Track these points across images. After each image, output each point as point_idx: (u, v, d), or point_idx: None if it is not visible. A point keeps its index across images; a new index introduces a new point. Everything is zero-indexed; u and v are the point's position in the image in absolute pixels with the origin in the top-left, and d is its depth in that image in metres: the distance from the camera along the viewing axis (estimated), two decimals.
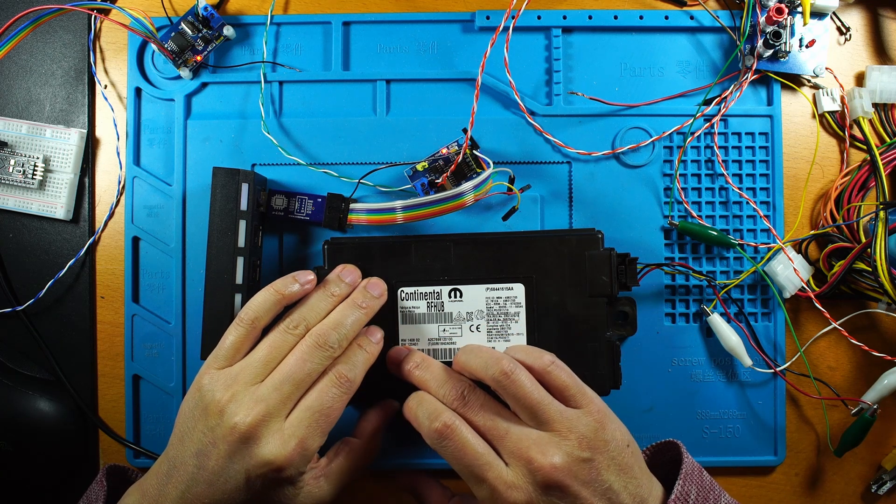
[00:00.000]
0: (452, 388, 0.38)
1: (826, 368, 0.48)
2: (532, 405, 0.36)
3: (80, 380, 0.48)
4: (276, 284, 0.39)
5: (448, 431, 0.36)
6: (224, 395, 0.36)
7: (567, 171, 0.47)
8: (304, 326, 0.38)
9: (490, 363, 0.37)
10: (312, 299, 0.40)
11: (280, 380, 0.36)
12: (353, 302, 0.40)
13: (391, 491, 0.47)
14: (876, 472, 0.48)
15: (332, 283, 0.41)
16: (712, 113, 0.47)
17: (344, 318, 0.39)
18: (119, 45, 0.48)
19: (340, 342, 0.38)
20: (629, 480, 0.36)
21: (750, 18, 0.45)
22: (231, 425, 0.35)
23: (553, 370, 0.37)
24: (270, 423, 0.36)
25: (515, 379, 0.36)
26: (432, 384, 0.39)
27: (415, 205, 0.43)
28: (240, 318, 0.38)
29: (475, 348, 0.39)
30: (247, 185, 0.42)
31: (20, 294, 0.48)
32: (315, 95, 0.48)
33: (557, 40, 0.47)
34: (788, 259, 0.45)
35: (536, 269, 0.42)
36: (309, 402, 0.37)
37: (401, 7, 0.48)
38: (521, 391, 0.36)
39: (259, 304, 0.39)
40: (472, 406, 0.37)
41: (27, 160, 0.47)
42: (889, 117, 0.47)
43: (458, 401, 0.37)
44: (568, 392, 0.37)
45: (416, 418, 0.38)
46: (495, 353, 0.38)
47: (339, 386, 0.37)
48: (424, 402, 0.38)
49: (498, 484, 0.35)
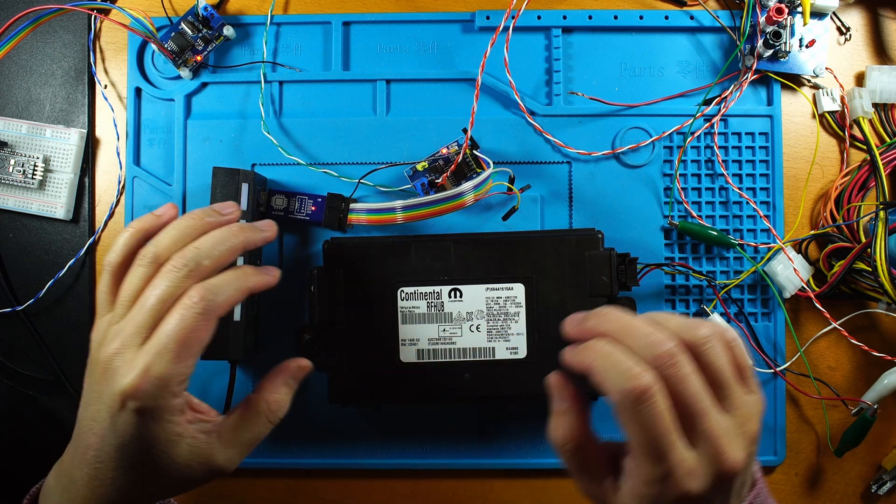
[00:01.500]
0: (663, 342, 0.31)
1: (826, 368, 0.48)
2: (725, 382, 0.32)
3: (80, 380, 0.47)
4: (133, 222, 0.37)
5: (648, 396, 0.30)
6: (100, 337, 0.35)
7: (567, 171, 0.47)
8: (151, 254, 0.35)
9: (687, 326, 0.32)
10: (170, 226, 0.36)
11: (136, 310, 0.34)
12: (227, 227, 0.37)
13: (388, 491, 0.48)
14: (876, 472, 0.48)
15: (200, 210, 0.38)
16: (712, 113, 0.47)
17: (212, 240, 0.36)
18: (119, 45, 0.48)
19: (199, 261, 0.35)
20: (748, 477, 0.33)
21: (750, 18, 0.45)
22: (99, 360, 0.34)
23: (737, 346, 0.33)
24: (125, 353, 0.33)
25: (712, 346, 0.32)
26: (629, 334, 0.32)
27: (415, 205, 0.43)
28: (103, 264, 0.37)
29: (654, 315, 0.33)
30: (247, 185, 0.42)
31: (20, 294, 0.48)
32: (315, 95, 0.48)
33: (557, 40, 0.47)
34: (788, 259, 0.45)
35: (536, 269, 0.42)
36: (161, 329, 0.33)
37: (401, 7, 0.49)
38: (718, 363, 0.31)
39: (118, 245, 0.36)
40: (681, 369, 0.31)
41: (27, 160, 0.47)
42: (889, 117, 0.47)
43: (666, 359, 0.31)
44: (745, 373, 0.33)
45: (604, 371, 0.32)
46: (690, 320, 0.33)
47: (192, 307, 0.33)
48: (616, 354, 0.32)
49: (679, 468, 0.30)
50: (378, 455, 0.47)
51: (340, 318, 0.43)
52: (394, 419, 0.46)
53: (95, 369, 0.35)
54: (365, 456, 0.47)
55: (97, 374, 0.34)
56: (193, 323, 0.33)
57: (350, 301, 0.42)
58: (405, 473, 0.47)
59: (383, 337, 0.43)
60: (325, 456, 0.47)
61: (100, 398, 0.34)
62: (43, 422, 0.47)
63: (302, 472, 0.47)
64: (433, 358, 0.42)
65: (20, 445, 0.47)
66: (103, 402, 0.33)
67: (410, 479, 0.48)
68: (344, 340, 0.43)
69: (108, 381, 0.33)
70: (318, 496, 0.48)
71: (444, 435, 0.47)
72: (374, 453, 0.47)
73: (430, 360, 0.42)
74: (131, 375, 0.32)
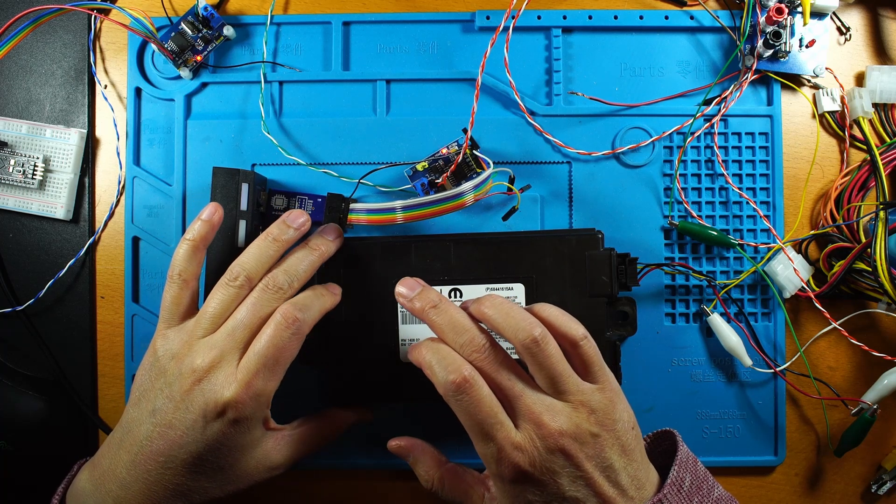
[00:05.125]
0: (473, 338, 0.36)
1: (826, 368, 0.48)
2: (554, 375, 0.35)
3: (80, 380, 0.48)
4: (187, 233, 0.39)
5: (466, 386, 0.35)
6: (181, 349, 0.37)
7: (567, 171, 0.47)
8: (244, 276, 0.38)
9: (522, 327, 0.36)
10: (253, 246, 0.39)
11: (233, 326, 0.37)
12: (308, 248, 0.40)
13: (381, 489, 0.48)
14: (876, 472, 0.48)
15: (276, 228, 0.40)
16: (712, 113, 0.47)
17: (297, 261, 0.39)
18: (119, 45, 0.48)
19: (291, 283, 0.38)
20: (629, 462, 0.36)
21: (750, 18, 0.45)
22: (188, 371, 0.36)
23: (584, 344, 0.37)
24: (223, 365, 0.36)
25: (545, 348, 0.35)
26: (449, 332, 0.37)
27: (415, 205, 0.43)
28: (168, 276, 0.39)
29: (502, 304, 0.37)
30: (247, 185, 0.42)
31: (20, 294, 0.48)
32: (315, 95, 0.48)
33: (557, 40, 0.47)
34: (788, 259, 0.45)
35: (536, 269, 0.42)
36: (257, 346, 0.36)
37: (401, 7, 0.48)
38: (548, 361, 0.35)
39: (179, 257, 0.39)
40: (492, 361, 0.36)
41: (27, 160, 0.47)
42: (889, 117, 0.47)
43: (479, 353, 0.36)
44: (591, 368, 0.37)
45: (430, 367, 0.36)
46: (527, 317, 0.36)
47: (287, 327, 0.37)
48: (441, 351, 0.37)
49: (505, 444, 0.34)
50: (377, 455, 0.47)
51: (340, 318, 0.43)
52: (393, 419, 0.46)
53: (175, 380, 0.36)
54: (364, 456, 0.47)
55: (182, 383, 0.36)
56: (286, 342, 0.37)
57: (350, 301, 0.42)
58: (404, 474, 0.47)
59: (383, 337, 0.43)
60: (324, 456, 0.47)
61: (186, 407, 0.35)
62: (43, 422, 0.47)
63: (301, 472, 0.47)
64: None
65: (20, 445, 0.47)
66: (192, 410, 0.35)
67: (410, 479, 0.47)
68: (344, 340, 0.43)
69: (203, 392, 0.35)
70: (317, 496, 0.48)
71: (444, 435, 0.47)
72: (373, 453, 0.46)
73: None
74: (233, 388, 0.35)
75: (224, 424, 0.35)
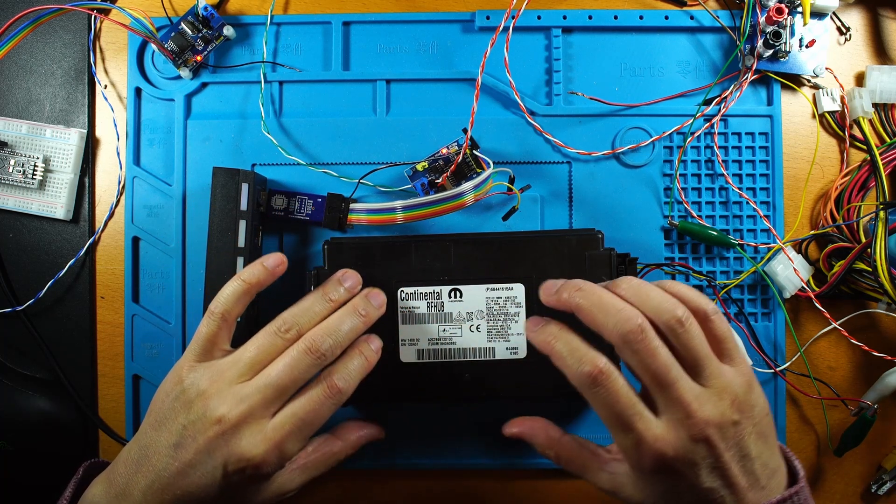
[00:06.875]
0: (629, 319, 0.34)
1: (826, 368, 0.48)
2: (697, 358, 0.34)
3: (80, 380, 0.48)
4: (244, 273, 0.39)
5: (602, 378, 0.34)
6: (209, 388, 0.36)
7: (567, 171, 0.47)
8: (295, 331, 0.37)
9: (665, 308, 0.34)
10: (307, 301, 0.39)
11: (265, 383, 0.36)
12: (352, 308, 0.39)
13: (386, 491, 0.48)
14: (876, 472, 0.48)
15: (331, 287, 0.40)
16: (712, 113, 0.47)
17: (340, 324, 0.38)
18: (119, 45, 0.48)
19: (333, 349, 0.37)
20: (764, 449, 0.34)
21: (750, 18, 0.45)
22: (214, 419, 0.35)
23: (716, 319, 0.35)
24: (251, 423, 0.35)
25: (689, 328, 0.34)
26: (606, 308, 0.35)
27: (415, 205, 0.43)
28: (210, 310, 0.38)
29: (639, 284, 0.35)
30: (247, 185, 0.42)
31: (20, 294, 0.48)
32: (315, 95, 0.48)
33: (557, 40, 0.47)
34: (788, 259, 0.45)
35: (536, 269, 0.42)
36: (295, 408, 0.36)
37: (401, 7, 0.49)
38: (691, 343, 0.34)
39: (227, 295, 0.38)
40: (648, 344, 0.34)
41: (27, 160, 0.47)
42: (889, 117, 0.47)
43: (635, 335, 0.34)
44: (724, 345, 0.35)
45: (562, 357, 0.35)
46: (667, 296, 0.35)
47: (330, 397, 0.37)
48: (572, 342, 0.35)
49: (646, 435, 0.33)
50: (377, 455, 0.47)
51: None
52: (393, 419, 0.46)
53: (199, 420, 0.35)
54: (364, 456, 0.47)
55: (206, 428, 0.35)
56: (325, 410, 0.37)
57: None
58: (404, 474, 0.47)
59: (383, 337, 0.43)
60: None
61: (209, 452, 0.35)
62: (43, 422, 0.47)
63: None
64: (433, 358, 0.42)
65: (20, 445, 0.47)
66: (215, 458, 0.35)
67: (409, 479, 0.48)
68: None
69: (229, 444, 0.35)
70: (317, 496, 0.48)
71: (444, 435, 0.47)
72: (373, 453, 0.46)
73: (430, 360, 0.42)
74: (262, 448, 0.35)
75: (245, 477, 0.35)
